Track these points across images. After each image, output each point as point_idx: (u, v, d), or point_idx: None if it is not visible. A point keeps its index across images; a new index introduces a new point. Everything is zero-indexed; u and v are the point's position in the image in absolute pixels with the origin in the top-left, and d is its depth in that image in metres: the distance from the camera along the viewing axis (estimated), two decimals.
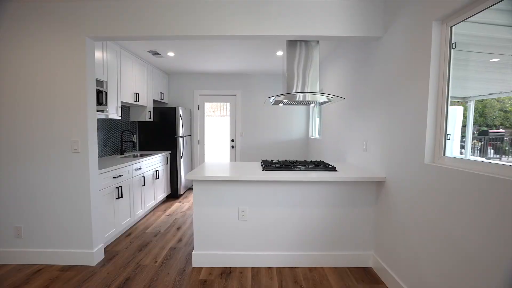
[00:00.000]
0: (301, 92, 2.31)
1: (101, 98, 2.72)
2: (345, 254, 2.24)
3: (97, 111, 2.70)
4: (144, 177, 3.28)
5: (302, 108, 5.06)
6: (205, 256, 2.21)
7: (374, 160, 2.24)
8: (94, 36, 2.12)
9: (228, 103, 5.12)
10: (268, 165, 2.45)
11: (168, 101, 4.97)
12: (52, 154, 2.18)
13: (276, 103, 2.49)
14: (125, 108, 3.91)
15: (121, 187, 2.72)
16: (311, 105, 2.69)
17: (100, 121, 3.27)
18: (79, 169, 2.18)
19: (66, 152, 2.17)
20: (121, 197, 2.73)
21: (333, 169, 2.34)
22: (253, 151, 5.11)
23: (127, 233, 2.90)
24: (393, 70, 1.92)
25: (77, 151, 2.17)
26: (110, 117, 2.99)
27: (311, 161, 2.77)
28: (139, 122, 4.31)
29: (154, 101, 4.53)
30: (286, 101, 2.34)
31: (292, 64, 2.35)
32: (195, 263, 2.22)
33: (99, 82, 2.86)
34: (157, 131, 4.30)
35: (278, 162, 2.70)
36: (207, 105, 5.13)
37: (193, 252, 2.22)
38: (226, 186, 2.18)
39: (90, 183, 2.19)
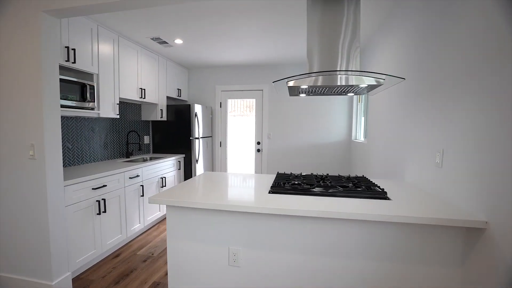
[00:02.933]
0: (345, 71, 1.46)
1: (85, 93, 2.29)
2: None
3: (82, 108, 2.28)
4: (143, 186, 2.80)
5: (343, 104, 4.08)
6: None
7: (458, 186, 1.29)
8: (51, 9, 1.64)
9: (254, 100, 4.43)
10: (279, 184, 1.67)
11: (188, 98, 4.52)
12: (6, 161, 1.77)
13: (293, 91, 1.70)
14: (135, 106, 3.53)
15: (104, 199, 2.24)
16: (350, 94, 1.81)
17: (100, 121, 2.90)
18: (35, 180, 1.74)
19: (23, 159, 1.75)
20: (104, 211, 2.26)
21: (382, 195, 1.45)
22: (281, 156, 4.32)
23: (115, 254, 2.43)
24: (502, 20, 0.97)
25: (34, 158, 1.73)
26: (103, 115, 2.56)
27: (348, 177, 1.89)
28: (153, 122, 3.92)
29: (170, 98, 4.11)
30: (305, 87, 1.53)
31: (334, 33, 1.52)
32: None
33: (87, 75, 2.45)
34: (171, 131, 3.85)
35: (299, 176, 1.90)
36: (230, 102, 4.52)
37: None
38: (211, 215, 1.48)
39: (47, 197, 1.73)
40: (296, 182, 1.73)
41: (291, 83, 1.48)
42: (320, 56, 1.51)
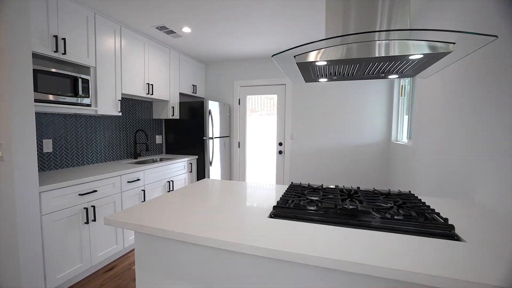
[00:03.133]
0: (385, 31, 0.96)
1: (77, 88, 2.06)
2: None
3: (73, 104, 2.06)
4: (144, 190, 2.53)
5: (380, 98, 3.42)
6: None
7: None
8: None
9: (275, 96, 3.97)
10: (287, 203, 1.21)
11: (205, 95, 4.22)
12: None
13: (308, 73, 1.22)
14: (145, 104, 3.31)
15: (93, 206, 1.99)
16: (392, 77, 1.28)
17: (104, 119, 2.70)
18: (3, 185, 1.51)
19: None
20: (94, 220, 2.00)
21: (446, 230, 0.92)
22: (306, 159, 3.80)
23: (109, 267, 2.17)
24: None
25: (2, 159, 1.50)
26: (102, 112, 2.33)
27: (388, 194, 1.36)
28: (166, 120, 3.69)
29: (184, 95, 3.84)
30: (323, 63, 1.04)
31: None
32: None
33: (84, 68, 2.24)
34: (185, 131, 3.57)
35: (319, 190, 1.42)
36: (250, 99, 4.12)
37: None
38: (188, 247, 1.08)
39: (16, 204, 1.49)
40: (313, 199, 1.25)
41: (303, 58, 1.01)
42: (346, 12, 1.01)
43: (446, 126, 1.72)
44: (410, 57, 0.93)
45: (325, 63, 1.03)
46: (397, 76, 1.26)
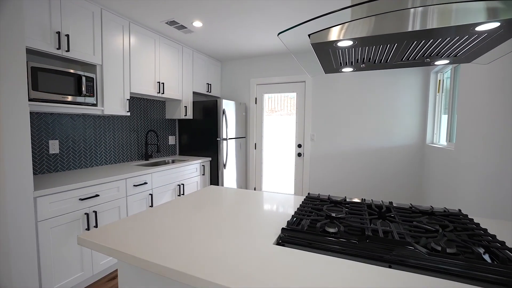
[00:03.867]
0: None
1: (81, 87, 1.97)
2: None
3: (76, 103, 1.96)
4: (152, 194, 2.40)
5: (412, 97, 3.01)
6: None
7: None
8: None
9: (294, 94, 3.70)
10: (300, 223, 0.97)
11: (221, 94, 4.06)
12: None
13: (327, 59, 0.97)
14: (158, 103, 3.21)
15: (95, 212, 1.88)
16: (440, 63, 0.98)
17: (114, 119, 2.62)
18: None
19: None
20: (95, 226, 1.89)
21: None
22: (327, 162, 3.48)
23: (111, 276, 2.05)
24: None
25: None
26: (108, 112, 2.23)
27: (432, 214, 1.06)
28: (179, 120, 3.57)
29: (198, 94, 3.71)
30: (348, 44, 0.79)
31: None
32: None
33: (89, 66, 2.15)
34: (198, 131, 3.43)
35: (341, 205, 1.15)
36: (267, 98, 3.88)
37: None
38: (170, 280, 0.88)
39: (8, 211, 1.39)
40: (333, 216, 0.99)
41: (321, 37, 0.77)
42: None
43: (505, 126, 1.36)
44: (478, 28, 0.65)
45: (351, 43, 0.77)
46: (447, 61, 0.96)
